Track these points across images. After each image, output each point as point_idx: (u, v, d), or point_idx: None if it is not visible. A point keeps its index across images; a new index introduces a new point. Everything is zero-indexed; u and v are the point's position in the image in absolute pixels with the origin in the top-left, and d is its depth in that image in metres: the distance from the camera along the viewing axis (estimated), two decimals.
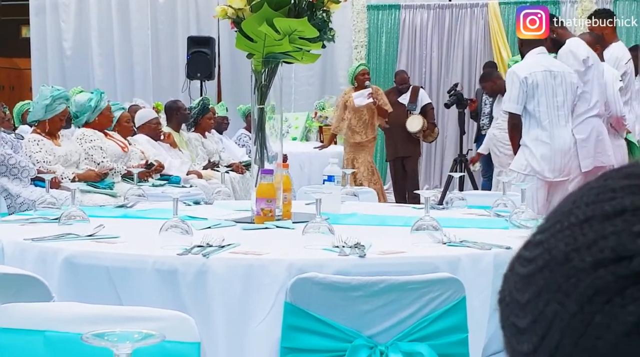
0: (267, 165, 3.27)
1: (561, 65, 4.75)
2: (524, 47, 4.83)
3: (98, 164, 5.31)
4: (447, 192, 5.05)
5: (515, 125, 4.75)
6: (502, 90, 6.03)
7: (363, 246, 2.50)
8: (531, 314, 0.46)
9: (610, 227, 0.44)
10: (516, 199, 3.32)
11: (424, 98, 8.37)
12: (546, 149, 4.61)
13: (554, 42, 4.95)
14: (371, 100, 7.74)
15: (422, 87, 8.88)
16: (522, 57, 4.88)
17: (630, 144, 5.37)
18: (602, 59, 5.27)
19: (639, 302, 0.42)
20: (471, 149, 9.00)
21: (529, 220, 2.93)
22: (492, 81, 7.66)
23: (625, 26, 9.12)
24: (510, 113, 4.75)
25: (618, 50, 5.63)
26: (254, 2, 3.11)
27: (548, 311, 0.45)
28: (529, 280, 0.47)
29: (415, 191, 3.57)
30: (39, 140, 5.07)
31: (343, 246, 2.49)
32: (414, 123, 8.08)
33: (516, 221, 2.96)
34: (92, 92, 5.54)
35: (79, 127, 5.48)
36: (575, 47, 4.89)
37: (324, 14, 3.19)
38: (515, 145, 4.78)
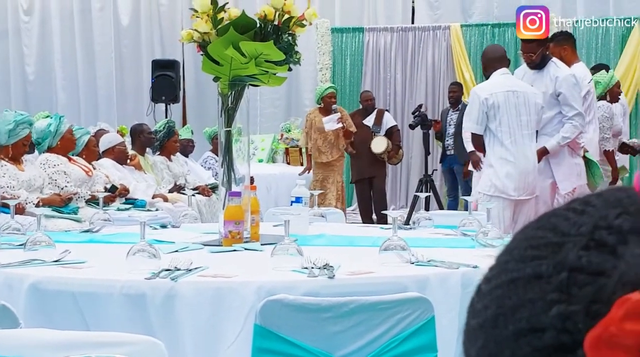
0: (234, 188, 3.27)
1: (525, 86, 4.83)
2: (487, 69, 4.93)
3: (62, 188, 5.25)
4: (414, 212, 5.08)
5: (477, 145, 4.87)
6: None
7: (332, 266, 2.51)
8: None
9: (528, 294, 0.44)
10: (482, 218, 3.36)
11: (388, 121, 8.44)
12: (510, 167, 4.67)
13: (543, 56, 5.09)
14: (340, 124, 7.82)
15: (387, 110, 8.96)
16: (487, 78, 4.95)
17: (589, 162, 5.46)
18: None
19: None
20: (436, 169, 9.08)
21: (495, 239, 2.96)
22: None
23: (584, 46, 9.29)
24: (472, 134, 4.84)
25: (580, 71, 5.73)
26: (219, 26, 3.13)
27: None
28: (474, 335, 0.47)
29: (383, 212, 3.61)
30: (2, 166, 5.01)
31: (312, 267, 2.50)
32: (379, 144, 8.14)
33: (482, 240, 2.99)
34: (51, 117, 5.51)
35: (42, 153, 5.43)
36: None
37: (290, 37, 3.22)
38: (476, 164, 4.96)
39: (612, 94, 6.76)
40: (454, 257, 2.71)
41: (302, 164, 8.99)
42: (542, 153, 4.94)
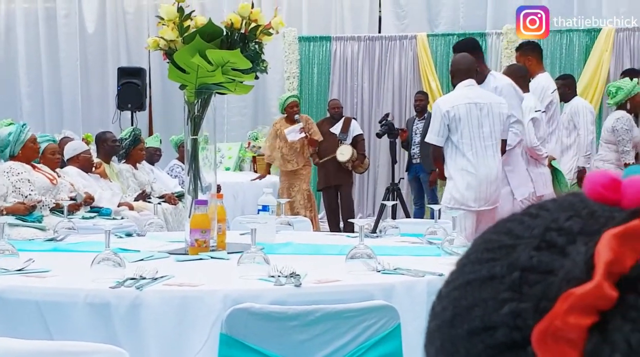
0: (201, 196, 3.26)
1: (489, 97, 4.86)
2: (455, 78, 4.94)
3: (25, 197, 5.19)
4: (380, 220, 5.11)
5: (436, 157, 4.90)
6: None
7: (298, 275, 2.51)
8: None
9: (482, 294, 0.46)
10: (447, 227, 3.39)
11: (355, 129, 8.47)
12: (471, 178, 4.71)
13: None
14: (303, 134, 7.83)
15: (354, 118, 8.99)
16: (454, 86, 4.98)
17: (555, 171, 5.53)
18: (527, 90, 5.44)
19: None
20: (403, 178, 9.13)
21: (461, 247, 2.98)
22: None
23: (549, 56, 9.42)
24: (432, 145, 4.87)
25: (544, 81, 5.81)
26: (186, 34, 3.12)
27: None
28: (433, 336, 0.49)
29: (350, 220, 3.63)
30: None
31: (279, 276, 2.50)
32: (344, 153, 8.16)
33: (448, 248, 3.01)
34: (14, 125, 5.45)
35: (4, 161, 5.36)
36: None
37: (257, 46, 3.22)
38: (442, 174, 4.96)
39: (633, 103, 6.43)
40: (420, 265, 2.72)
41: (269, 173, 8.98)
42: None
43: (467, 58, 5.08)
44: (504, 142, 4.88)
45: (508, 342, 0.43)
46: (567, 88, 6.88)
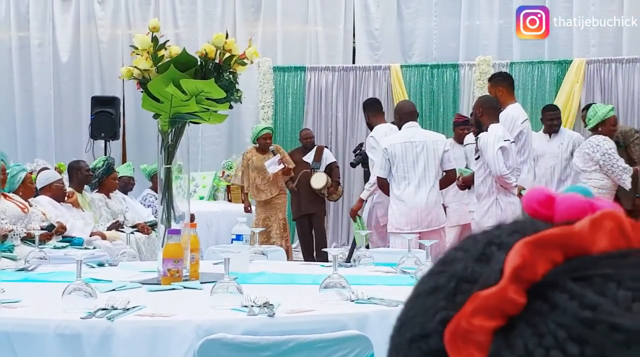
0: (174, 225, 3.24)
1: (426, 136, 5.70)
2: (400, 121, 5.69)
3: None
4: (355, 249, 5.15)
5: (381, 186, 5.72)
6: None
7: (272, 305, 2.50)
8: None
9: (426, 303, 0.47)
10: (421, 256, 3.40)
11: (328, 157, 8.50)
12: (403, 206, 5.47)
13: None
14: (282, 166, 7.83)
15: (327, 146, 9.02)
16: (400, 128, 5.70)
17: None
18: (497, 120, 5.50)
19: None
20: None
21: None
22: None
23: (521, 87, 9.54)
24: (377, 177, 5.68)
25: (514, 111, 5.87)
26: (160, 64, 3.13)
27: None
28: (388, 347, 0.50)
29: (323, 249, 3.68)
30: None
31: (252, 306, 2.49)
32: (318, 180, 8.18)
33: None
34: None
35: None
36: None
37: (231, 76, 3.23)
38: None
39: (604, 127, 6.35)
40: (394, 294, 2.73)
41: (243, 202, 8.95)
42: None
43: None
44: (451, 172, 5.66)
45: (440, 349, 0.44)
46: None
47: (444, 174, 5.60)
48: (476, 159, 5.59)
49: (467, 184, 5.97)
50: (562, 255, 0.44)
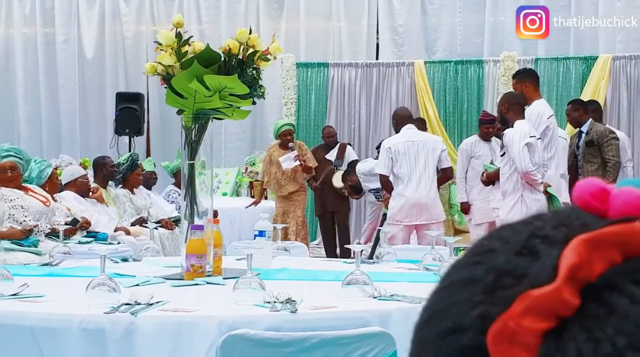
0: (197, 221, 3.25)
1: (424, 136, 6.29)
2: (398, 125, 6.22)
3: (21, 223, 5.16)
4: (377, 246, 5.16)
5: (383, 183, 6.24)
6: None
7: (294, 301, 2.49)
8: None
9: (459, 296, 0.44)
10: (444, 253, 3.38)
11: (351, 155, 8.48)
12: (403, 200, 5.97)
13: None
14: (298, 162, 7.81)
15: (349, 144, 8.99)
16: (397, 132, 6.20)
17: (551, 197, 5.52)
18: (522, 117, 5.45)
19: None
20: None
21: None
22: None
23: (546, 84, 9.46)
24: (380, 174, 6.20)
25: (540, 107, 5.82)
26: (184, 59, 3.13)
27: None
28: (413, 339, 0.47)
29: (346, 246, 3.69)
30: None
31: (274, 302, 2.48)
32: (340, 179, 8.17)
33: None
34: None
35: None
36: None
37: (254, 71, 3.23)
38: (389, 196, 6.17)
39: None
40: (417, 291, 2.71)
41: (266, 198, 8.97)
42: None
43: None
44: (448, 170, 6.22)
45: (474, 346, 0.42)
46: (596, 113, 6.98)
47: (441, 172, 6.17)
48: (502, 155, 5.55)
49: (491, 180, 5.93)
50: (621, 255, 0.41)
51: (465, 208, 6.84)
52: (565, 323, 0.40)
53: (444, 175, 6.24)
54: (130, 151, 8.90)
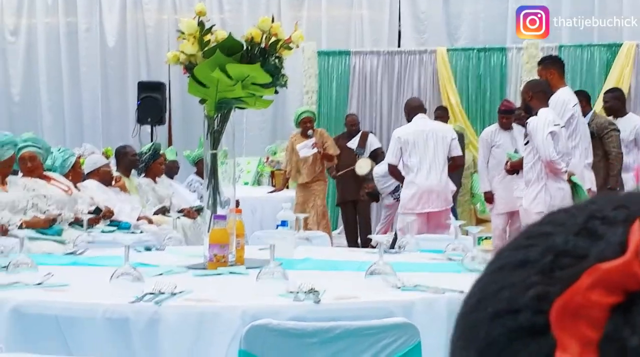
0: (219, 211, 3.25)
1: (436, 125, 6.43)
2: (409, 115, 6.36)
3: (44, 212, 5.19)
4: (400, 236, 5.16)
5: (391, 172, 6.40)
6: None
7: (317, 291, 2.49)
8: None
9: (513, 278, 0.44)
10: (468, 243, 3.35)
11: (373, 143, 8.44)
12: (414, 188, 6.08)
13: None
14: (315, 150, 7.78)
15: (371, 132, 8.95)
16: (409, 121, 6.31)
17: (575, 186, 5.47)
18: (546, 105, 5.40)
19: (523, 356, 0.41)
20: None
21: (483, 264, 2.94)
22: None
23: (569, 71, 9.37)
24: (388, 163, 6.33)
25: (565, 95, 5.75)
26: (206, 48, 3.12)
27: None
28: (457, 324, 0.47)
29: (369, 236, 3.68)
30: None
31: (297, 292, 2.48)
32: (363, 166, 8.13)
33: (469, 265, 2.98)
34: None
35: None
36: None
37: (277, 60, 3.21)
38: (402, 182, 6.27)
39: None
40: (440, 281, 2.69)
41: (287, 188, 8.97)
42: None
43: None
44: (457, 158, 6.31)
45: (529, 327, 0.42)
46: (618, 101, 6.85)
47: (451, 160, 6.23)
48: (525, 144, 5.50)
49: (515, 168, 5.87)
50: None
51: (489, 197, 6.79)
52: (633, 298, 0.40)
53: (454, 164, 6.33)
54: (152, 140, 8.93)
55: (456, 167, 6.57)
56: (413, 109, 6.42)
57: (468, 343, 0.45)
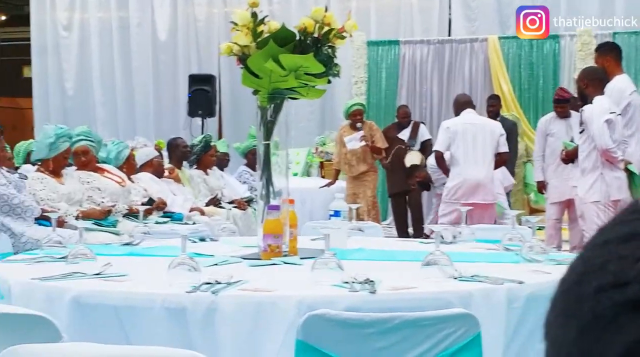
0: (273, 201, 3.25)
1: (483, 120, 6.62)
2: (458, 110, 6.52)
3: (98, 204, 5.27)
4: (454, 226, 5.14)
5: (437, 158, 6.55)
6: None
7: (373, 281, 2.47)
8: (548, 339, 0.45)
9: (619, 251, 0.43)
10: (526, 233, 3.30)
11: (424, 134, 8.38)
12: (460, 180, 6.26)
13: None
14: (363, 143, 7.76)
15: (422, 122, 8.89)
16: (457, 115, 6.49)
17: (632, 175, 5.36)
18: (602, 92, 5.29)
19: (629, 330, 0.40)
20: None
21: (541, 254, 2.90)
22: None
23: (624, 58, 9.16)
24: (435, 150, 6.56)
25: (621, 83, 5.63)
26: (259, 39, 3.12)
27: (557, 336, 0.44)
28: (555, 302, 0.46)
29: (427, 225, 3.70)
30: (42, 179, 5.05)
31: (353, 282, 2.46)
32: (413, 159, 8.08)
33: (527, 255, 2.93)
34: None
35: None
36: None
37: (329, 50, 3.20)
38: (446, 172, 6.51)
39: None
40: (498, 272, 2.65)
41: (337, 179, 8.96)
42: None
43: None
44: (504, 154, 6.38)
45: (637, 300, 0.40)
46: None
47: (497, 156, 6.33)
48: (580, 132, 5.40)
49: (570, 157, 5.77)
50: None
51: (540, 187, 6.70)
52: None
53: (500, 159, 6.42)
54: (202, 133, 9.00)
55: (502, 163, 6.64)
56: (461, 104, 6.55)
57: (568, 319, 0.43)
